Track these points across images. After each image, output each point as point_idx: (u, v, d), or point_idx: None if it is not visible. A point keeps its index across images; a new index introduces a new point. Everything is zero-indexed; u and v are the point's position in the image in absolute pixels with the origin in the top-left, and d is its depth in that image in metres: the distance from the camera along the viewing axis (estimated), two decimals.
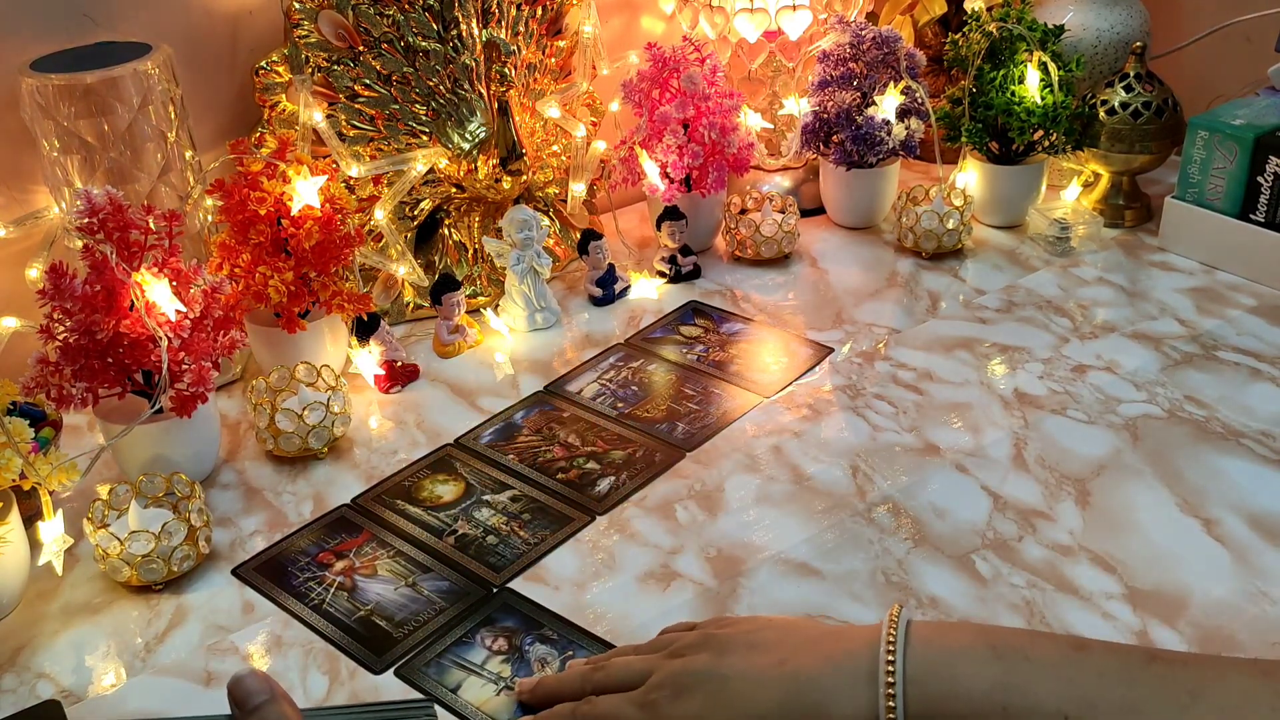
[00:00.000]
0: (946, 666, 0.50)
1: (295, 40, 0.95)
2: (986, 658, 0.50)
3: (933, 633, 0.52)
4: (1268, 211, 1.01)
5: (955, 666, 0.50)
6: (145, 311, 0.74)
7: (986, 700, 0.49)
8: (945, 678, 0.50)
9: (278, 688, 0.46)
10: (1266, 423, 0.83)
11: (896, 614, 0.52)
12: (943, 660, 0.50)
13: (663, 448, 0.84)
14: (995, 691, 0.49)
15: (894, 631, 0.51)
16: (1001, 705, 0.49)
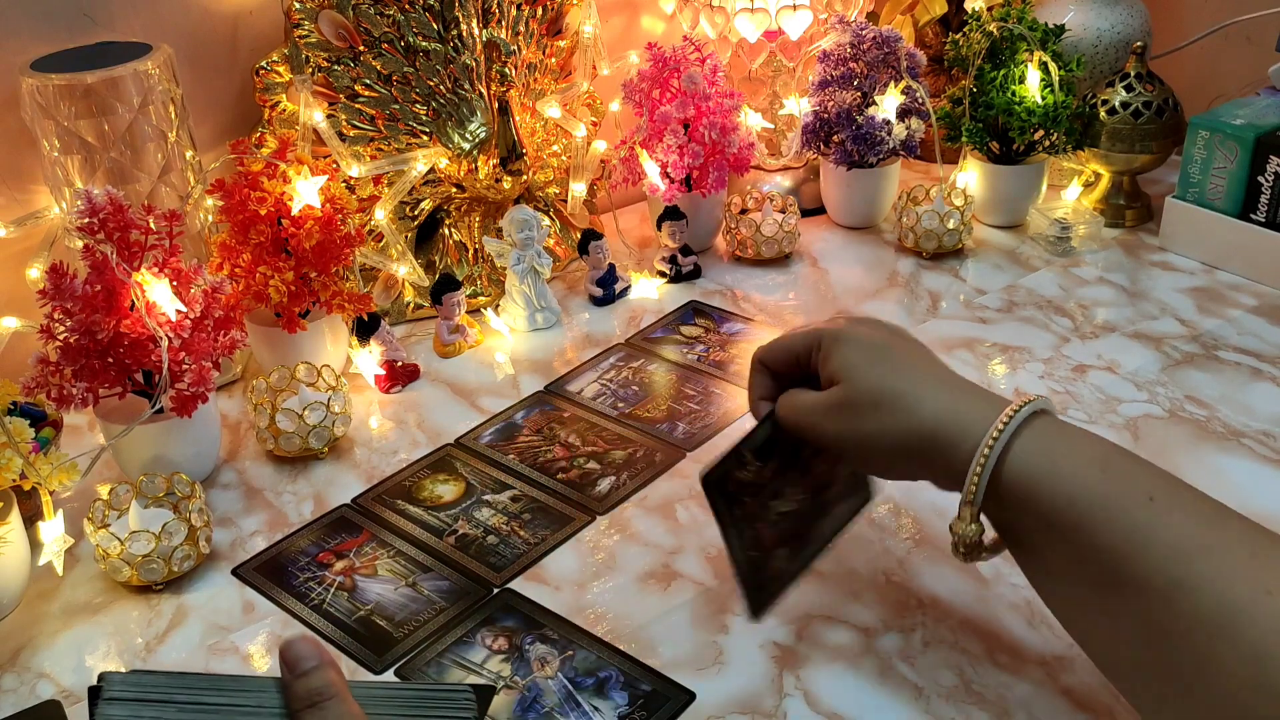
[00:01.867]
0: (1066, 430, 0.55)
1: (295, 40, 0.95)
2: (1103, 441, 0.55)
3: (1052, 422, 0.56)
4: (1268, 211, 1.01)
5: (1074, 432, 0.55)
6: (145, 311, 0.74)
7: (1088, 458, 0.53)
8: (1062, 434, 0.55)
9: (326, 655, 0.47)
10: (1267, 422, 0.83)
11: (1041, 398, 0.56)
12: (1065, 427, 0.56)
13: (663, 448, 0.84)
14: (1100, 458, 0.53)
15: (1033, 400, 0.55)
16: (1100, 466, 0.53)
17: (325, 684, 0.46)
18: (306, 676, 0.46)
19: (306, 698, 0.45)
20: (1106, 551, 0.51)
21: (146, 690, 0.41)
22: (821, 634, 0.66)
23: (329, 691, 0.45)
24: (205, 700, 0.42)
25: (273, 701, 0.44)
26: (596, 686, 0.63)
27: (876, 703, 0.62)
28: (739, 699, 0.62)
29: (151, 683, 0.41)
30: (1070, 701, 0.60)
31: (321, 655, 0.47)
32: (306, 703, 0.45)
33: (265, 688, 0.44)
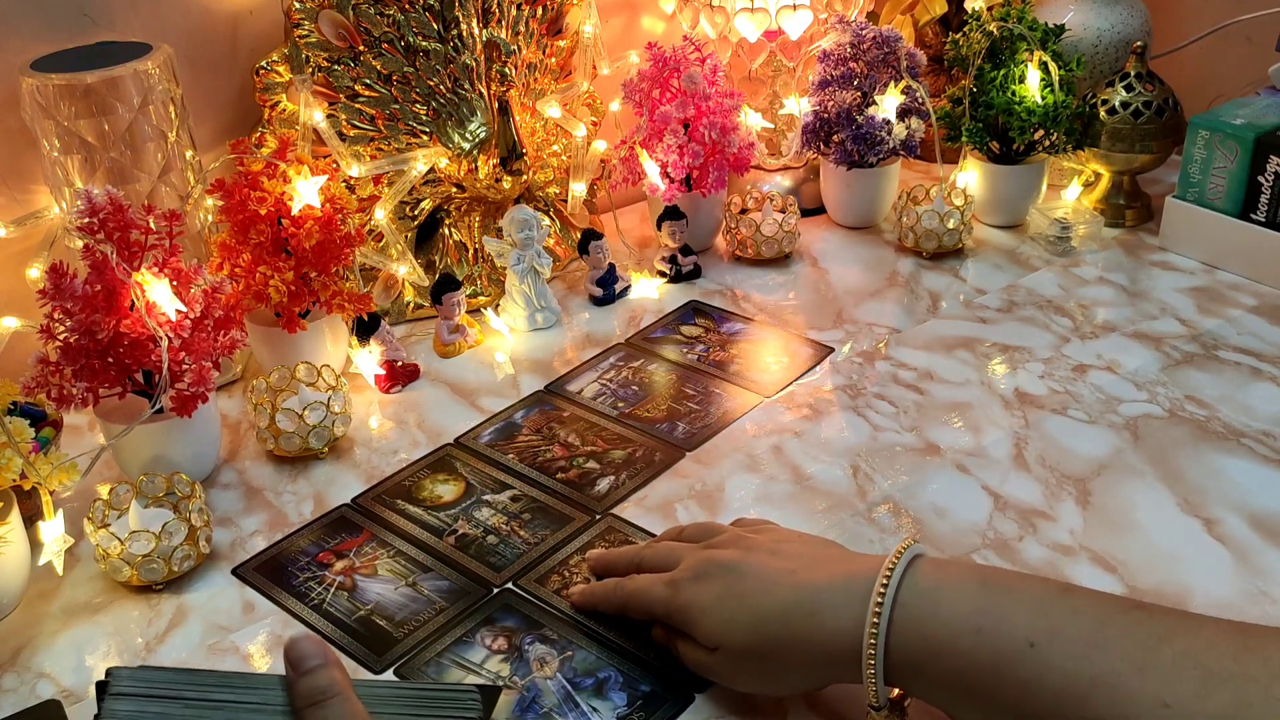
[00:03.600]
0: (934, 593, 0.54)
1: (295, 40, 0.95)
2: (974, 588, 0.54)
3: (933, 566, 0.55)
4: (1268, 211, 1.01)
5: (942, 593, 0.54)
6: (145, 311, 0.74)
7: (963, 622, 0.52)
8: (930, 601, 0.54)
9: (331, 653, 0.47)
10: (1267, 422, 0.83)
11: (906, 546, 0.56)
12: (933, 587, 0.54)
13: (663, 447, 0.84)
14: (973, 616, 0.52)
15: (897, 560, 0.55)
16: (975, 628, 0.52)
17: (329, 683, 0.46)
18: (311, 675, 0.46)
19: (310, 696, 0.45)
20: (1003, 706, 0.51)
21: (153, 686, 0.41)
22: None
23: (332, 690, 0.45)
24: (211, 696, 0.42)
25: (277, 699, 0.44)
26: (595, 687, 0.63)
27: None
28: (739, 699, 0.62)
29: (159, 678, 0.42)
30: None
31: (326, 654, 0.47)
32: (310, 701, 0.45)
33: (270, 685, 0.44)
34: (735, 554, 0.61)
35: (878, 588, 0.54)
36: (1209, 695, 0.47)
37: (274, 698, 0.44)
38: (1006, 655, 0.51)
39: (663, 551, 0.66)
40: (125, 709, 0.40)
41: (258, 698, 0.43)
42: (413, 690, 0.48)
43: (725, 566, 0.60)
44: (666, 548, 0.66)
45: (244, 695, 0.43)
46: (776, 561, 0.59)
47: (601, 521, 0.77)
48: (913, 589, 0.54)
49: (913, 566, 0.55)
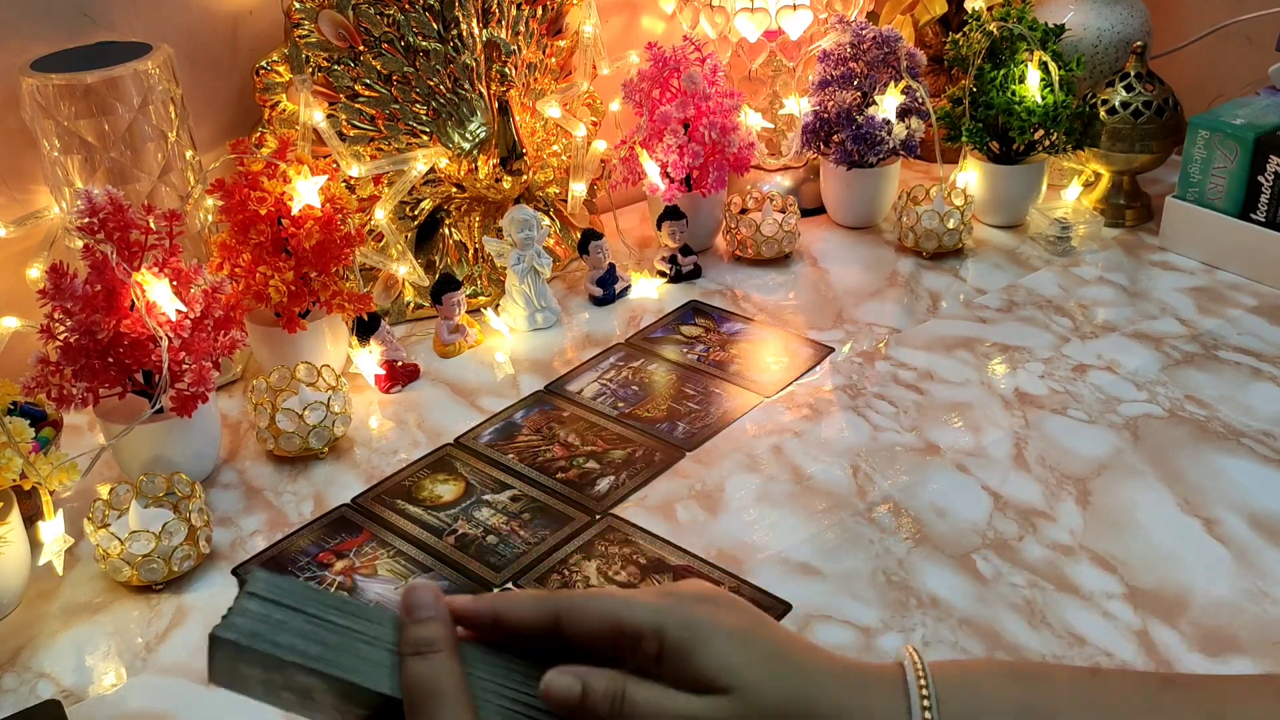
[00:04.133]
0: (972, 686, 0.48)
1: (295, 40, 0.95)
2: (1008, 679, 0.48)
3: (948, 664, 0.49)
4: (1268, 211, 1.01)
5: (980, 687, 0.48)
6: (145, 311, 0.74)
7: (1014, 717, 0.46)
8: (972, 695, 0.47)
9: (444, 607, 0.47)
10: (1267, 422, 0.83)
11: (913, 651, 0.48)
12: (966, 681, 0.48)
13: (663, 447, 0.84)
14: (1021, 712, 0.47)
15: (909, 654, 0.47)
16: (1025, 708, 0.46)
17: (435, 636, 0.46)
18: (421, 625, 0.46)
19: (415, 645, 0.45)
20: None
21: (284, 595, 0.44)
22: (821, 634, 0.66)
23: (437, 645, 0.46)
24: (329, 618, 0.45)
25: (388, 636, 0.46)
26: None
27: None
28: None
29: (290, 588, 0.44)
30: None
31: (439, 607, 0.47)
32: (415, 650, 0.45)
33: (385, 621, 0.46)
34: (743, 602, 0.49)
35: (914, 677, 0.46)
36: None
37: (384, 634, 0.45)
38: None
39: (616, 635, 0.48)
40: (254, 608, 0.43)
41: (371, 630, 0.45)
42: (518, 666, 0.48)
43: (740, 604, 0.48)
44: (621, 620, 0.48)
45: (359, 624, 0.45)
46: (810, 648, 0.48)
47: (601, 521, 0.77)
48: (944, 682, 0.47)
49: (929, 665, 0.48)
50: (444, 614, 0.47)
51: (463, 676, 0.46)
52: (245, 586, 0.44)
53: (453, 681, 0.45)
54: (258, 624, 0.43)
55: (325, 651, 0.43)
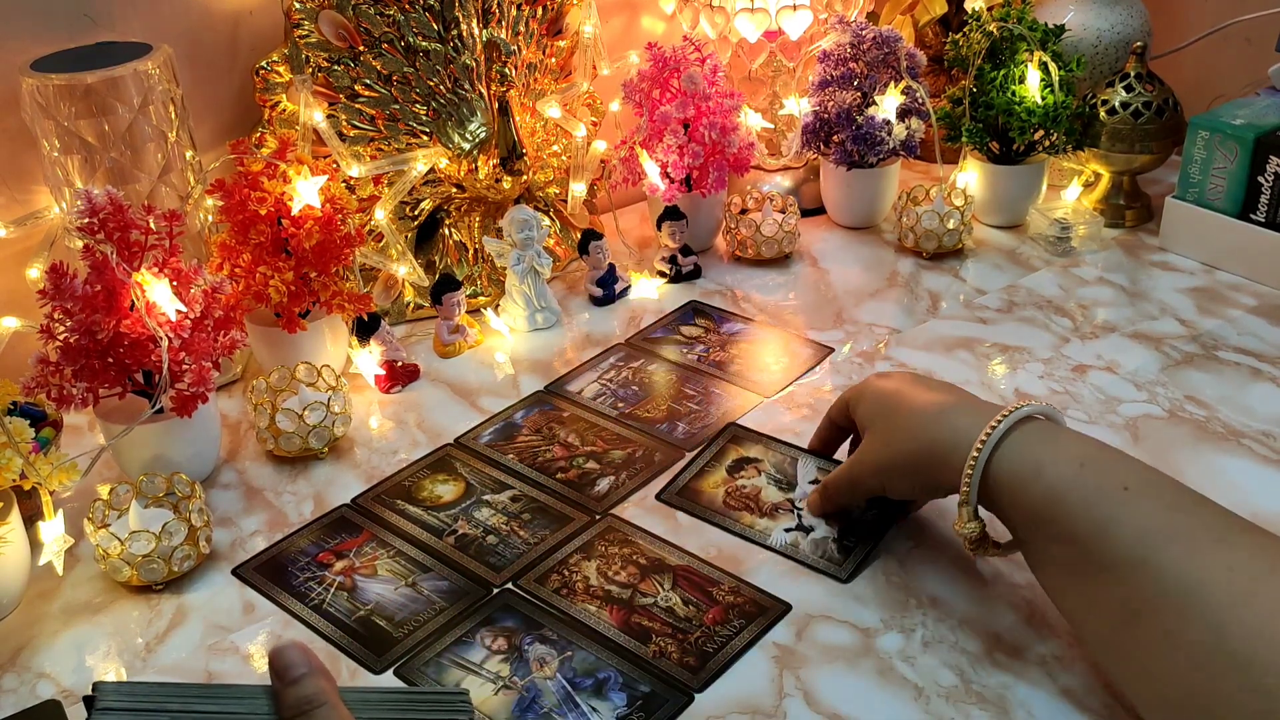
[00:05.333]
0: (1051, 431, 0.61)
1: (295, 40, 0.95)
2: (1089, 441, 0.61)
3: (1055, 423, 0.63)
4: (1268, 211, 1.01)
5: (1059, 434, 0.61)
6: (145, 311, 0.74)
7: (1070, 457, 0.59)
8: (1046, 435, 0.61)
9: (316, 661, 0.47)
10: (1267, 423, 0.83)
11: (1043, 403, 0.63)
12: (1052, 429, 0.62)
13: (663, 448, 0.84)
14: (1080, 455, 0.59)
15: (1025, 404, 0.62)
16: (1080, 462, 0.58)
17: (315, 691, 0.46)
18: (297, 684, 0.46)
19: (297, 706, 0.45)
20: (1081, 538, 0.56)
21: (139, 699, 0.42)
22: (821, 634, 0.66)
23: (319, 699, 0.45)
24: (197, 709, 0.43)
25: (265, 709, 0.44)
26: (595, 687, 0.63)
27: (876, 703, 0.62)
28: (739, 699, 0.62)
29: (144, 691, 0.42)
30: (1070, 701, 0.60)
31: (311, 662, 0.47)
32: (296, 711, 0.45)
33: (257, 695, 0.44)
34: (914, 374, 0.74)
35: (1004, 410, 0.62)
36: (1274, 577, 0.50)
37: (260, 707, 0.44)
38: (1101, 490, 0.57)
39: None
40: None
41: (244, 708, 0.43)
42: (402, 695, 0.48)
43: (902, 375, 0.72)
44: None
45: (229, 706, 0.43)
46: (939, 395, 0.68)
47: (601, 522, 0.77)
48: (1033, 425, 0.61)
49: (1038, 417, 0.62)
50: (317, 667, 0.47)
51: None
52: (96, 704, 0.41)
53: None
54: None
55: None
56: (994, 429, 0.60)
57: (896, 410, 0.68)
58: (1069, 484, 0.58)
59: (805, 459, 0.81)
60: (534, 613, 0.69)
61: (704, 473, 0.80)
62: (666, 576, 0.71)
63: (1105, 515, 0.56)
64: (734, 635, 0.66)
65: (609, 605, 0.69)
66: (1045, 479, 0.58)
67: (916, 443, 0.65)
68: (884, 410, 0.69)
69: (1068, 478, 0.58)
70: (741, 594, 0.69)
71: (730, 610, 0.68)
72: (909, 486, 0.68)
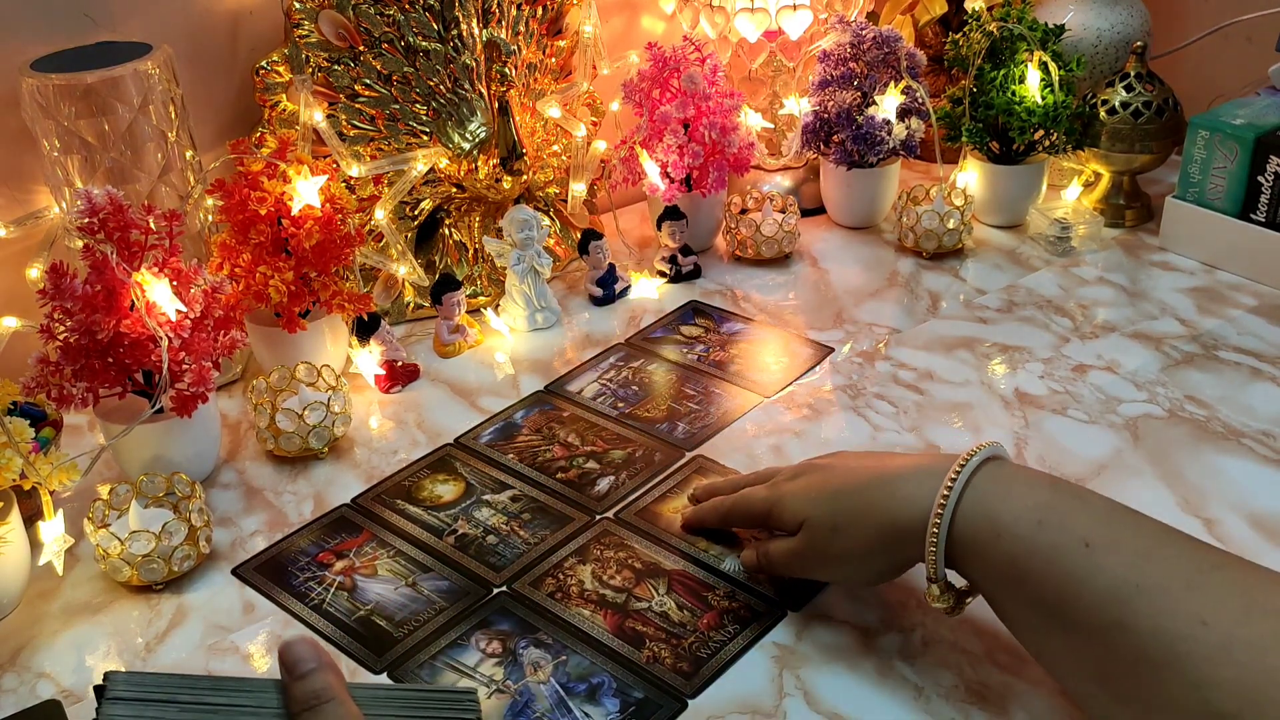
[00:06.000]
0: (1006, 482, 0.58)
1: (295, 40, 0.95)
2: (1044, 487, 0.57)
3: (1009, 465, 0.60)
4: (1268, 211, 1.01)
5: (1014, 484, 0.58)
6: (145, 311, 0.74)
7: (1028, 512, 0.56)
8: (1001, 488, 0.58)
9: (325, 656, 0.47)
10: (1267, 422, 0.83)
11: (986, 444, 0.60)
12: (1006, 478, 0.58)
13: (663, 448, 0.84)
14: (1038, 509, 0.56)
15: (975, 451, 0.59)
16: (1038, 520, 0.55)
17: (324, 686, 0.46)
18: (305, 679, 0.46)
19: (305, 700, 0.45)
20: (1048, 601, 0.54)
21: (149, 690, 0.42)
22: (821, 634, 0.66)
23: (327, 694, 0.45)
24: (207, 700, 0.43)
25: (273, 702, 0.44)
26: (588, 692, 0.63)
27: (876, 703, 0.62)
28: (739, 699, 0.62)
29: (154, 682, 0.42)
30: (1070, 701, 0.60)
31: (320, 657, 0.47)
32: (305, 705, 0.45)
33: (266, 689, 0.44)
34: (830, 458, 0.69)
35: (953, 468, 0.58)
36: (1249, 622, 0.49)
37: (269, 701, 0.44)
38: (1061, 550, 0.54)
39: (764, 472, 0.73)
40: (121, 713, 0.41)
41: (253, 701, 0.44)
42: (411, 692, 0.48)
43: (819, 465, 0.68)
44: (767, 470, 0.73)
45: (239, 699, 0.43)
46: (866, 459, 0.66)
47: (599, 524, 0.77)
48: (986, 476, 0.58)
49: (990, 461, 0.59)
50: (326, 662, 0.47)
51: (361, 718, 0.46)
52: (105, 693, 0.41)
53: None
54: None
55: None
56: (949, 491, 0.57)
57: (838, 502, 0.63)
58: (1029, 548, 0.55)
59: None
60: (528, 616, 0.69)
61: (665, 498, 0.79)
62: (662, 581, 0.71)
63: (1069, 578, 0.54)
64: (728, 640, 0.66)
65: (603, 609, 0.69)
66: (1004, 543, 0.56)
67: (873, 532, 0.61)
68: (823, 508, 0.63)
69: (1026, 539, 0.55)
70: (736, 599, 0.69)
71: (725, 615, 0.68)
72: (873, 572, 0.64)
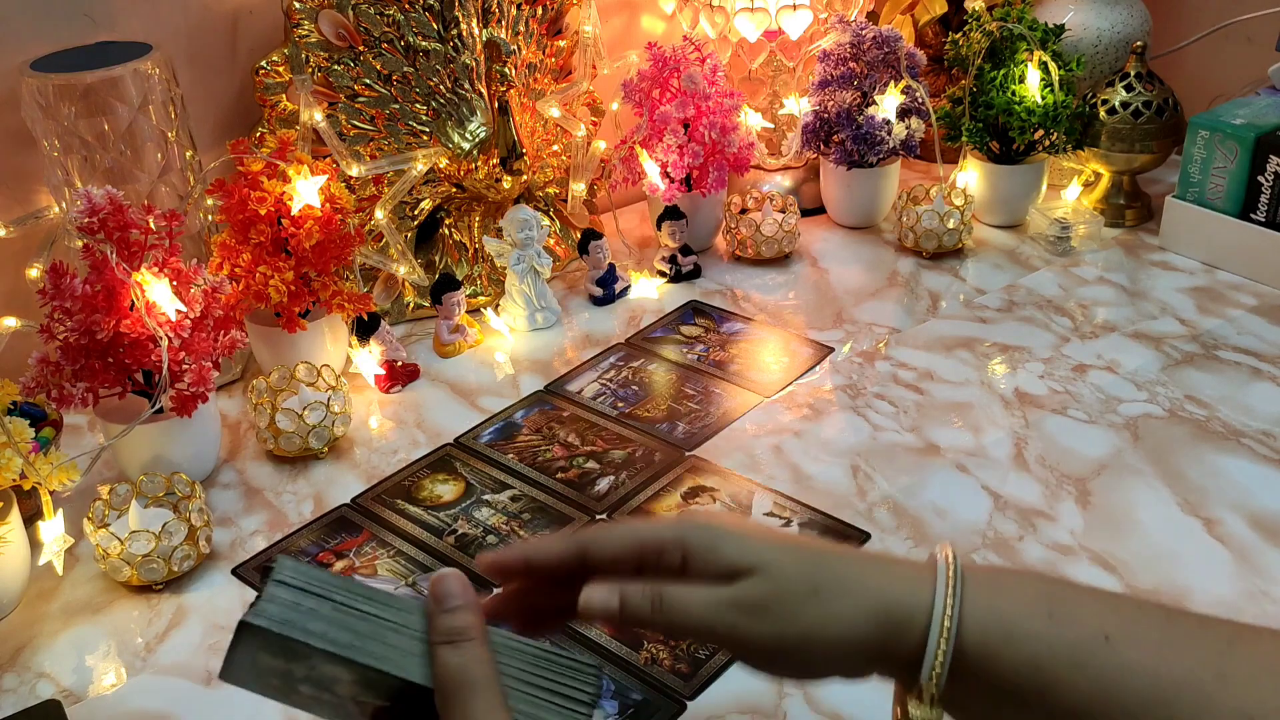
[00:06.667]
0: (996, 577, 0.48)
1: (295, 40, 0.95)
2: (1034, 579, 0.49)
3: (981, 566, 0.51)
4: (1268, 211, 1.01)
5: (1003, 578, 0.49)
6: (145, 311, 0.74)
7: (1034, 605, 0.47)
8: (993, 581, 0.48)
9: (473, 595, 0.47)
10: (1267, 422, 0.83)
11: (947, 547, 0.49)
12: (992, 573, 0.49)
13: (663, 447, 0.84)
14: (1042, 600, 0.47)
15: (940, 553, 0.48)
16: (1047, 611, 0.47)
17: (467, 625, 0.46)
18: (451, 614, 0.46)
19: (447, 634, 0.46)
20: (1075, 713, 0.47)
21: (310, 582, 0.44)
22: None
23: (469, 633, 0.46)
24: (359, 606, 0.45)
25: (417, 624, 0.45)
26: None
27: (876, 703, 0.61)
28: (739, 699, 0.62)
29: (316, 576, 0.44)
30: None
31: (468, 595, 0.47)
32: (446, 638, 0.46)
33: (413, 609, 0.46)
34: None
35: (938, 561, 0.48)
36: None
37: (414, 622, 0.45)
38: (1083, 647, 0.46)
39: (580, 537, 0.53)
40: (283, 595, 0.43)
41: (400, 619, 0.45)
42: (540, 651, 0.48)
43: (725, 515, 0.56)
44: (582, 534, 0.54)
45: (387, 612, 0.45)
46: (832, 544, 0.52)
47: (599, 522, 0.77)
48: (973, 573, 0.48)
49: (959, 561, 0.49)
50: (473, 602, 0.47)
51: (494, 664, 0.46)
52: (273, 574, 0.43)
53: (484, 670, 0.45)
54: (289, 611, 0.42)
55: (355, 639, 0.43)
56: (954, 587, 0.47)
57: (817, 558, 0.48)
58: (1049, 648, 0.46)
59: (761, 493, 0.78)
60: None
61: (658, 496, 0.79)
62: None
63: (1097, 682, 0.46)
64: None
65: None
66: (1023, 646, 0.46)
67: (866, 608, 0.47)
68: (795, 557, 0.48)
69: (1044, 638, 0.46)
70: None
71: None
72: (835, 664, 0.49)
